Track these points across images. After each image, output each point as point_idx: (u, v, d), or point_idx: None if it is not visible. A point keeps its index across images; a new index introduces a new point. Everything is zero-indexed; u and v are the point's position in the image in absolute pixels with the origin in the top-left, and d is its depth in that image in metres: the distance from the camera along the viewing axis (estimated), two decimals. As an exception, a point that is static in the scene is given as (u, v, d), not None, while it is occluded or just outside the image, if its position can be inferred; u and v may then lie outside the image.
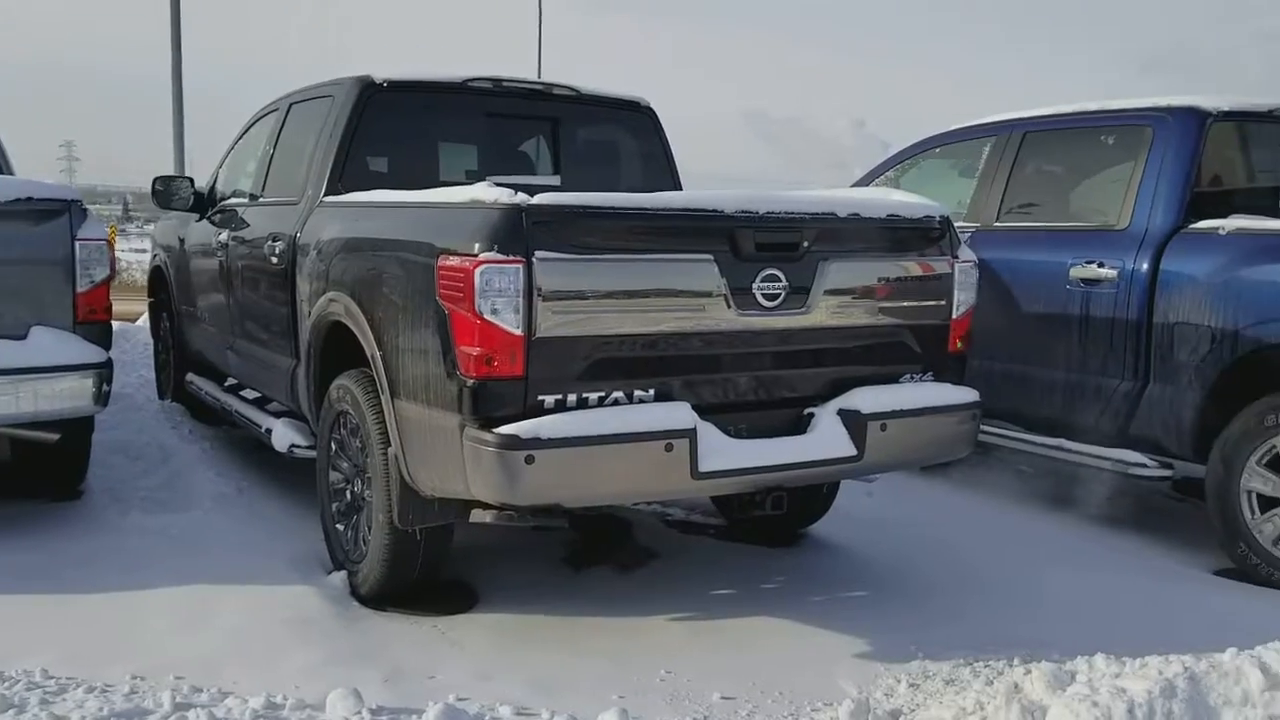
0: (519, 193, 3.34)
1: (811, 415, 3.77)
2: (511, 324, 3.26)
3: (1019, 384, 5.29)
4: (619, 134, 5.45)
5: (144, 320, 10.00)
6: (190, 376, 6.45)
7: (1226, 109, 4.91)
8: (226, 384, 6.17)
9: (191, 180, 6.19)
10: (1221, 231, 4.62)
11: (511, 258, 3.24)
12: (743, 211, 3.55)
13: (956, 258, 4.03)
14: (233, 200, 5.85)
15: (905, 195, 4.14)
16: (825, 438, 3.72)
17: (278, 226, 4.87)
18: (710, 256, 3.51)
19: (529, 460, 3.21)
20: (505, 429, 3.24)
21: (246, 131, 6.16)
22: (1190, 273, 4.66)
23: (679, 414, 3.44)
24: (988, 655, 3.50)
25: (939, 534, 4.94)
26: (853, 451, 3.70)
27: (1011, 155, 5.62)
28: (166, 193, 6.11)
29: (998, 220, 5.57)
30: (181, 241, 6.44)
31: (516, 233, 3.26)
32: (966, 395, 4.03)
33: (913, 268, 3.93)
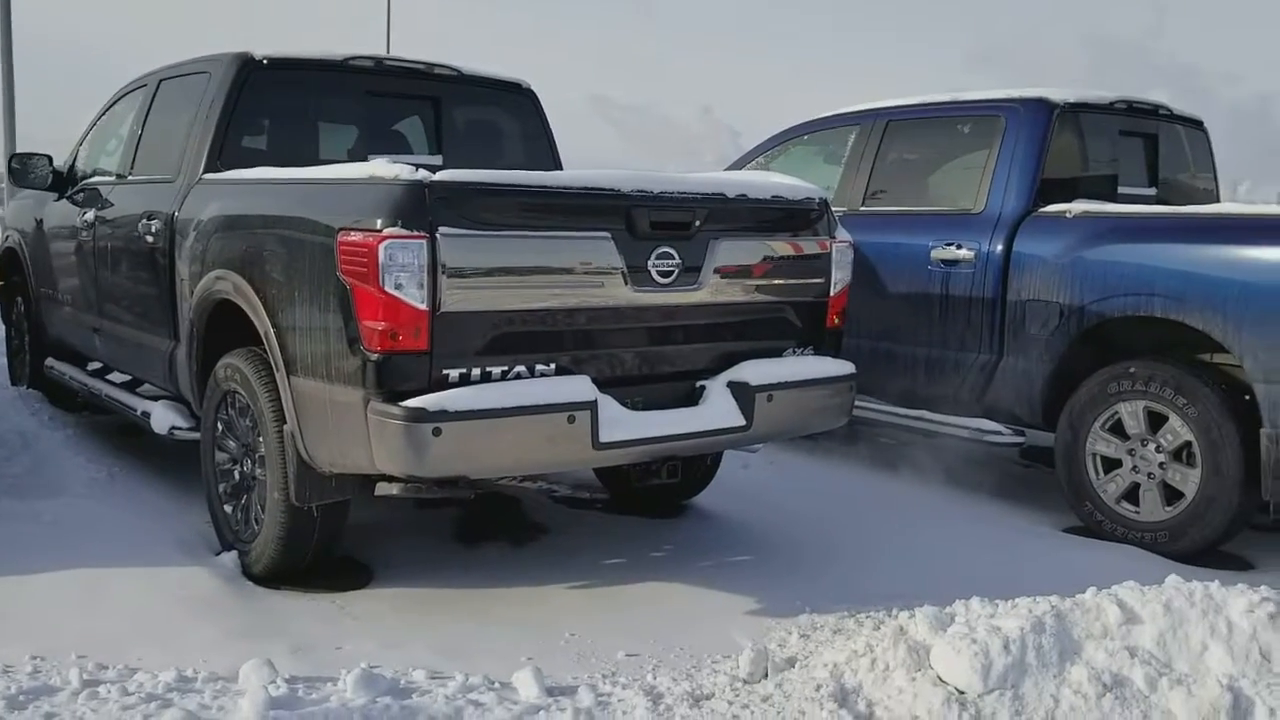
0: (419, 169, 3.39)
1: (703, 388, 3.94)
2: (416, 299, 3.31)
3: (884, 360, 5.59)
4: (500, 115, 5.51)
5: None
6: (50, 362, 6.22)
7: (1073, 100, 5.29)
8: (90, 368, 6.00)
9: (50, 158, 5.96)
10: (1068, 215, 4.99)
11: (415, 233, 3.29)
12: (639, 191, 3.68)
13: (834, 238, 4.26)
14: (96, 179, 5.68)
15: (786, 178, 4.35)
16: (716, 409, 3.89)
17: (152, 205, 4.77)
18: (608, 234, 3.63)
19: (436, 432, 3.28)
20: (411, 402, 3.30)
21: (110, 108, 5.97)
22: (1040, 253, 5.02)
23: (579, 387, 3.56)
24: (869, 607, 3.74)
25: (812, 503, 5.19)
26: (742, 422, 3.89)
27: (875, 143, 5.91)
28: (23, 170, 5.88)
29: (863, 204, 5.85)
30: (39, 222, 6.20)
31: (420, 208, 3.32)
32: (844, 368, 4.27)
33: (794, 247, 4.14)
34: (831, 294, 4.28)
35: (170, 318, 4.62)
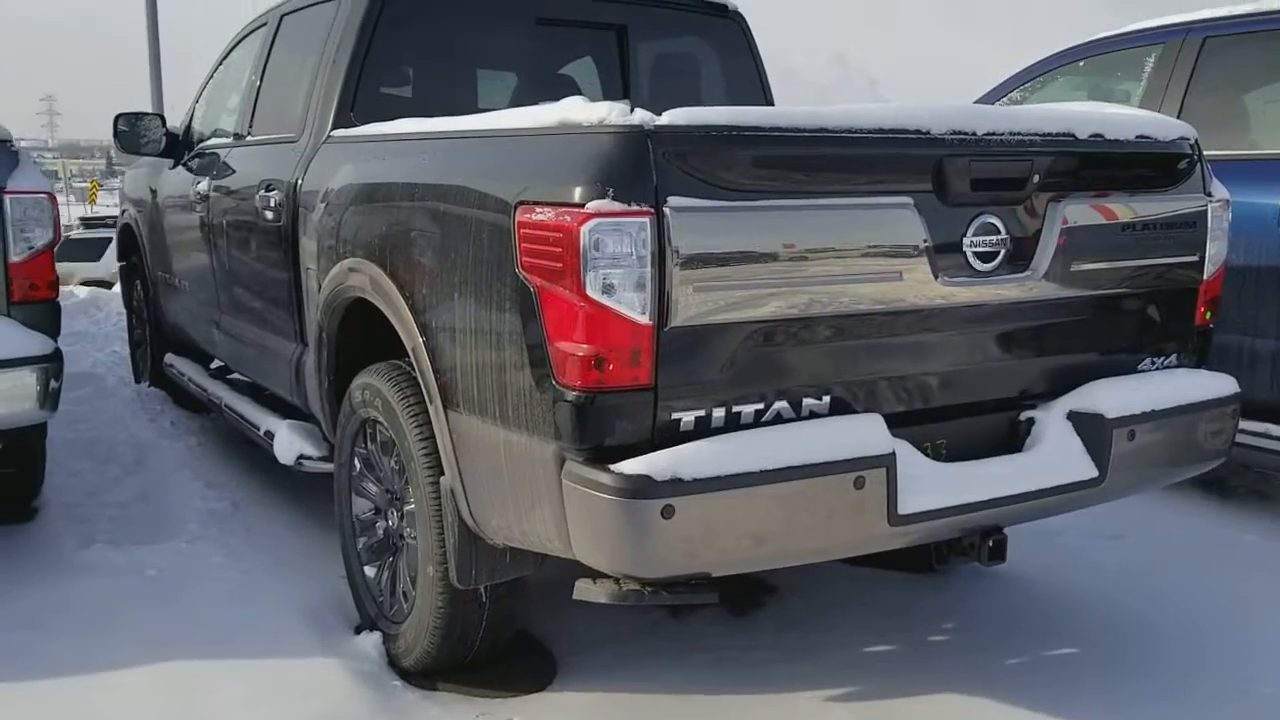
0: (634, 109, 2.23)
1: (1030, 422, 2.70)
2: (634, 308, 2.16)
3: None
4: (700, 47, 4.31)
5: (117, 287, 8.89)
6: (170, 358, 5.34)
7: None
8: (213, 365, 5.11)
9: (163, 118, 5.04)
10: None
11: (635, 208, 2.14)
12: (956, 134, 2.44)
13: (1210, 195, 2.94)
14: (213, 141, 4.73)
15: (1137, 111, 3.04)
16: (1054, 455, 2.64)
17: (272, 171, 3.76)
18: (909, 200, 2.41)
19: (667, 513, 2.14)
20: (628, 466, 2.15)
21: (228, 55, 5.01)
22: None
23: (870, 433, 2.36)
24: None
25: (1127, 550, 3.89)
26: (1093, 473, 2.64)
27: (1187, 66, 4.49)
28: (132, 133, 4.97)
29: (1172, 149, 4.44)
30: (154, 193, 5.31)
31: (641, 169, 2.16)
32: (1224, 385, 2.95)
33: (1162, 210, 2.84)
34: (1205, 277, 2.96)
35: (294, 315, 3.62)
